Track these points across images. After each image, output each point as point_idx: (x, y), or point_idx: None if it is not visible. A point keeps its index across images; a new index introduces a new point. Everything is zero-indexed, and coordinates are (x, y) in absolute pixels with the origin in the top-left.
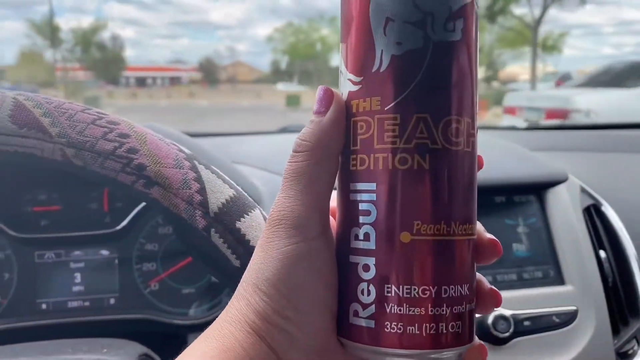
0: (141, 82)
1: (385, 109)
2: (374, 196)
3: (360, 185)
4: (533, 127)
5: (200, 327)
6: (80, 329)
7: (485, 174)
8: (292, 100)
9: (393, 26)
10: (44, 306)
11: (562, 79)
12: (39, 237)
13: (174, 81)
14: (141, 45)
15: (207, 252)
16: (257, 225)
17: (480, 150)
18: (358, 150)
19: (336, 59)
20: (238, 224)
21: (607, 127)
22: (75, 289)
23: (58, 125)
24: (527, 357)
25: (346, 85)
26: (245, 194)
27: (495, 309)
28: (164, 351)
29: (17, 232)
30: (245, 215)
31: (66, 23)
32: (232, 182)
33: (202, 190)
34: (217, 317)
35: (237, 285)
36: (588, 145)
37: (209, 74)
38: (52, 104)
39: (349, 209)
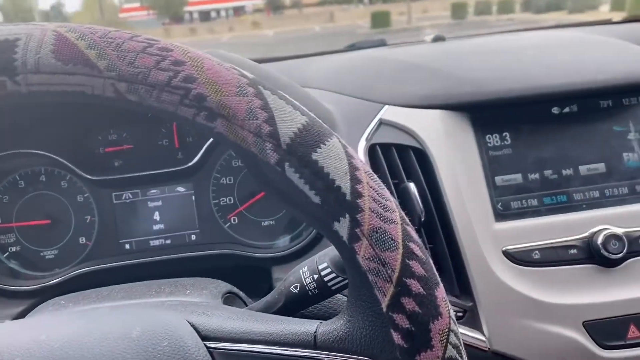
0: (205, 16)
1: None
2: None
3: None
4: (632, 19)
5: (284, 259)
6: (164, 267)
7: (587, 76)
8: (380, 19)
9: None
10: (127, 246)
11: None
12: (114, 178)
13: (238, 12)
14: None
15: (282, 189)
16: (335, 156)
17: (577, 48)
18: None
19: None
20: (314, 156)
21: None
22: (156, 227)
23: (105, 57)
24: None
25: None
26: (320, 121)
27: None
28: (249, 285)
29: (93, 174)
30: (322, 145)
31: None
32: (304, 108)
33: (270, 120)
34: (300, 249)
35: (318, 223)
36: None
37: (272, 0)
38: (96, 34)
39: None
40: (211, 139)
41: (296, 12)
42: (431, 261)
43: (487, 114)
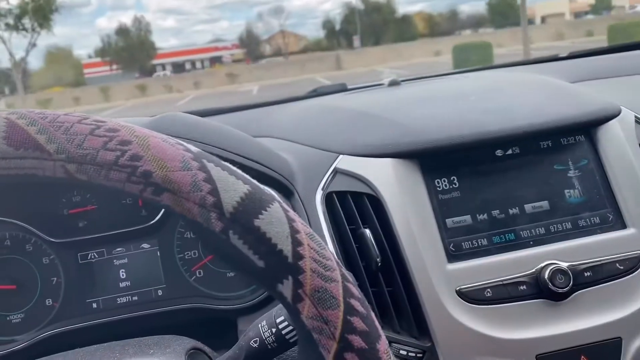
0: (179, 68)
1: None
2: None
3: None
4: (576, 55)
5: (249, 310)
6: (132, 323)
7: (524, 120)
8: (474, 51)
9: None
10: (94, 305)
11: None
12: (79, 240)
13: (215, 62)
14: (183, 33)
15: (228, 254)
16: (277, 221)
17: (516, 91)
18: None
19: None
20: (257, 222)
21: None
22: (122, 284)
23: (55, 141)
24: (590, 311)
25: None
26: (262, 188)
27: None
28: (216, 338)
29: (57, 237)
30: (264, 212)
31: (108, 22)
32: (247, 176)
33: (214, 191)
34: (264, 299)
35: (263, 285)
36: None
37: (252, 49)
38: (46, 118)
39: None
40: None
41: (282, 60)
42: (373, 315)
43: (435, 160)
